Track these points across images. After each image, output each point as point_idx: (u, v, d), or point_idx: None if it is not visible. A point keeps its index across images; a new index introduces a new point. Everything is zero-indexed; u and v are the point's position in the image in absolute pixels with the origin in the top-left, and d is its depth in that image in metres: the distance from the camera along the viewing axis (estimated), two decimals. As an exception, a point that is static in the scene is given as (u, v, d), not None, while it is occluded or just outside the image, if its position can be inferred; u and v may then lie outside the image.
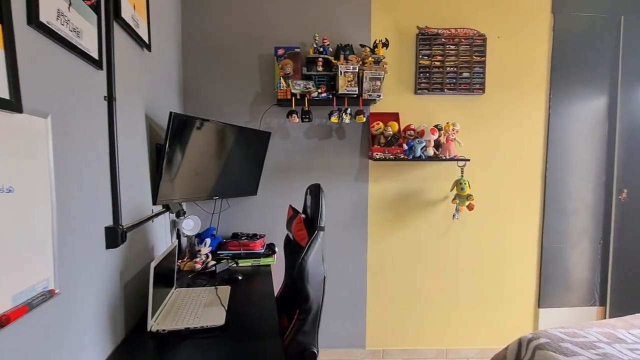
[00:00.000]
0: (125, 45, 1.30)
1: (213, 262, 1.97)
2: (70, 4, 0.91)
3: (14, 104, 0.67)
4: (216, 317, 1.34)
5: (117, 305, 1.22)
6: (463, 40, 2.27)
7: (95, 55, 1.06)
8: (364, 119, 2.13)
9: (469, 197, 2.25)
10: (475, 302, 2.49)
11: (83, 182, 1.00)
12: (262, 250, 2.12)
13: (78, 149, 0.97)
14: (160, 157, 1.54)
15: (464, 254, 2.46)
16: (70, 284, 0.92)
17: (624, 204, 2.46)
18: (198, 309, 1.42)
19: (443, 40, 2.27)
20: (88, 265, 1.03)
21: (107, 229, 1.13)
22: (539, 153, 2.44)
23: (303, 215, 1.36)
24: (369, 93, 2.08)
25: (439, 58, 2.27)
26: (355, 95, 2.08)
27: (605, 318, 2.53)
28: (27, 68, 0.74)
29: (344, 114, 2.11)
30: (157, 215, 1.61)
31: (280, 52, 2.12)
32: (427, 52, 2.27)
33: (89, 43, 1.02)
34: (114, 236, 1.14)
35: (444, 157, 2.20)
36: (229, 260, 2.03)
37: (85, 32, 1.00)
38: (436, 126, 2.22)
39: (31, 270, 0.74)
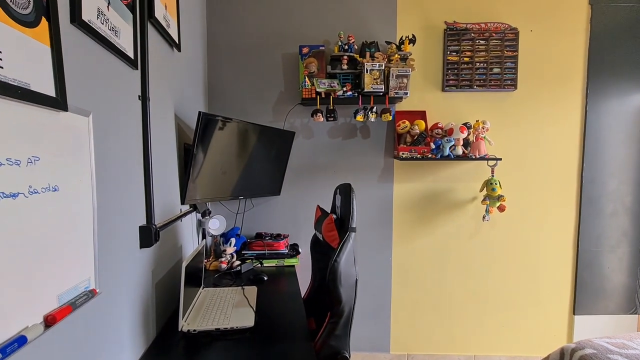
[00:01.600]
0: (157, 45, 1.31)
1: (238, 262, 1.97)
2: (109, 3, 0.91)
3: (60, 102, 0.67)
4: (245, 318, 1.32)
5: (150, 305, 1.23)
6: (494, 34, 2.19)
7: (131, 55, 1.06)
8: (390, 118, 2.08)
9: (500, 197, 2.16)
10: (506, 307, 2.39)
11: (119, 181, 1.00)
12: (287, 251, 2.11)
13: (115, 149, 0.98)
14: (189, 157, 1.54)
15: (494, 257, 2.37)
16: (109, 284, 0.92)
17: (669, 206, 2.30)
18: (227, 309, 1.41)
19: (472, 35, 2.19)
20: (124, 265, 1.03)
21: (141, 228, 1.13)
22: (575, 152, 2.32)
23: (334, 216, 1.32)
24: (396, 91, 2.03)
25: (468, 54, 2.19)
26: (381, 93, 2.04)
27: (647, 327, 2.38)
28: (70, 66, 0.74)
29: (369, 112, 2.07)
30: (185, 214, 1.62)
31: (305, 50, 2.09)
32: (456, 47, 2.19)
33: (126, 42, 1.02)
34: (148, 235, 1.14)
35: (473, 157, 2.12)
36: (254, 261, 2.03)
37: (123, 32, 1.00)
38: (465, 124, 2.14)
39: (74, 270, 0.74)
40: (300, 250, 2.17)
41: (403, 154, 2.11)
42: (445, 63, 2.21)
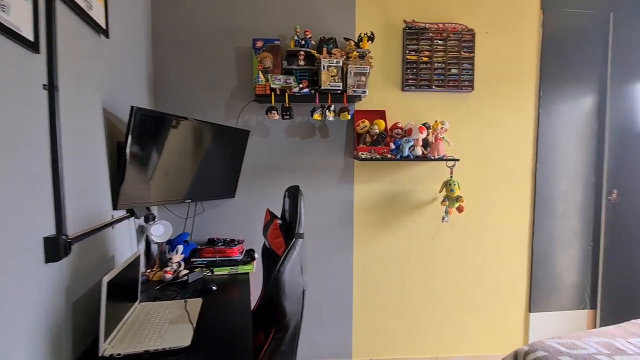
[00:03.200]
0: (73, 28, 1.14)
1: (185, 271, 1.81)
2: (-13, -31, 0.75)
3: None
4: (182, 336, 1.18)
5: (63, 328, 1.06)
6: (451, 35, 2.18)
7: (29, 36, 0.89)
8: (349, 117, 2.01)
9: (458, 198, 2.16)
10: (466, 307, 2.39)
11: (16, 185, 0.84)
12: (241, 257, 1.97)
13: (10, 146, 0.81)
14: (121, 156, 1.37)
15: (453, 258, 2.36)
16: (-11, 309, 0.76)
17: (614, 205, 2.41)
18: (163, 326, 1.26)
19: (431, 35, 2.17)
20: (22, 285, 0.87)
21: (46, 239, 0.96)
22: (529, 153, 2.37)
23: (279, 221, 1.22)
24: (354, 89, 1.96)
25: (427, 54, 2.17)
26: (339, 92, 1.96)
27: (595, 322, 2.47)
28: None
29: (327, 111, 1.99)
30: (118, 221, 1.44)
31: (259, 44, 1.97)
32: (414, 47, 2.16)
33: (20, 20, 0.86)
34: (55, 248, 0.98)
35: (432, 157, 2.09)
36: (204, 269, 1.87)
37: (15, 7, 0.84)
38: (424, 124, 2.12)
39: None
40: (256, 256, 2.04)
41: (363, 154, 2.05)
42: (404, 62, 2.18)
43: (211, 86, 2.09)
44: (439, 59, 2.18)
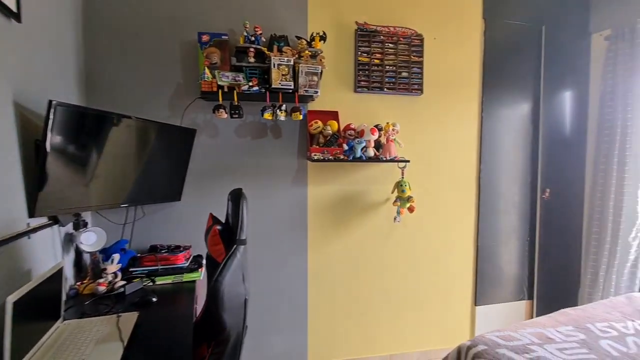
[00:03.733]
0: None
1: (122, 283, 1.66)
2: None
3: None
4: (108, 357, 1.06)
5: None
6: (401, 39, 2.23)
7: None
8: (301, 117, 1.97)
9: (409, 199, 2.21)
10: (419, 304, 2.46)
11: None
12: (187, 264, 1.85)
13: None
14: (39, 157, 1.21)
15: (406, 257, 2.42)
16: None
17: (547, 202, 2.62)
18: (87, 347, 1.13)
19: (382, 37, 2.20)
20: None
21: None
22: (474, 155, 2.50)
23: (219, 227, 1.14)
24: (305, 89, 1.93)
25: (378, 56, 2.20)
26: (290, 91, 1.91)
27: (533, 311, 2.67)
28: None
29: (278, 110, 1.93)
30: (35, 230, 1.28)
31: (205, 38, 1.87)
32: (366, 49, 2.18)
33: None
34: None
35: (384, 158, 2.12)
36: (144, 279, 1.73)
37: None
38: (376, 126, 2.14)
39: None
40: (203, 262, 1.92)
41: (315, 155, 2.02)
42: (356, 64, 2.19)
43: (153, 82, 1.94)
44: (390, 61, 2.22)
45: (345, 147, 2.08)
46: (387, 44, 2.21)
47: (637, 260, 2.39)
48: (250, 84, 1.87)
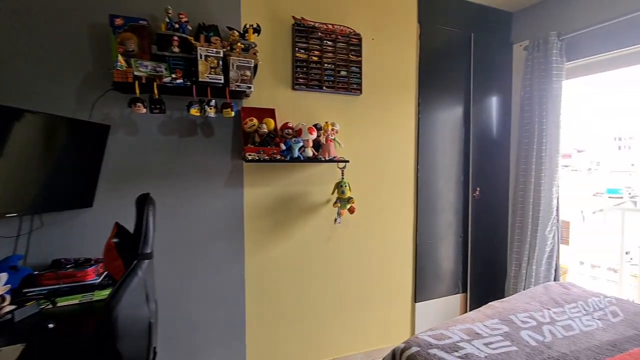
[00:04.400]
0: None
1: (10, 308, 1.37)
2: None
3: None
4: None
5: None
6: (340, 37, 2.19)
7: None
8: (233, 114, 1.83)
9: (349, 199, 2.18)
10: (362, 305, 2.45)
11: None
12: (98, 280, 1.61)
13: None
14: None
15: (348, 258, 2.39)
16: None
17: (477, 201, 2.77)
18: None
19: (320, 34, 2.14)
20: None
21: None
22: (412, 156, 2.56)
23: (116, 240, 0.98)
24: (237, 83, 1.79)
25: (317, 53, 2.14)
26: (220, 85, 1.77)
27: (467, 304, 2.81)
28: None
29: (207, 106, 1.77)
30: None
31: (118, 22, 1.64)
32: (304, 45, 2.11)
33: None
34: None
35: (323, 159, 2.07)
36: (41, 301, 1.46)
37: None
38: (315, 125, 2.08)
39: None
40: (121, 276, 1.69)
41: (250, 155, 1.89)
42: (294, 60, 2.10)
43: (56, 70, 1.66)
44: (329, 59, 2.17)
45: (283, 146, 1.99)
46: (325, 42, 2.16)
47: (552, 251, 2.63)
48: (174, 75, 1.69)
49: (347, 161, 2.15)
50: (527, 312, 1.68)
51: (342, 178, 2.19)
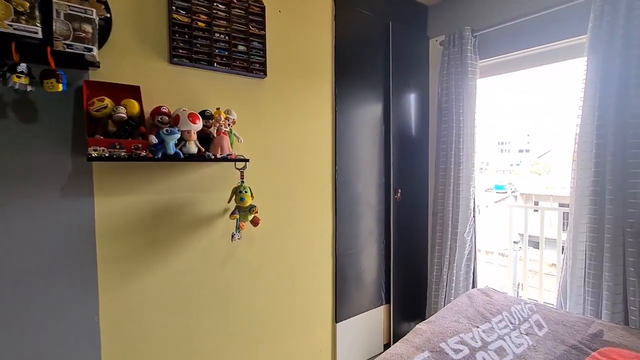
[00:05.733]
0: None
1: None
2: None
3: None
4: None
5: None
6: (235, 2, 1.72)
7: None
8: (60, 88, 1.21)
9: (252, 209, 1.71)
10: (273, 334, 2.00)
11: None
12: None
13: None
14: None
15: (253, 280, 1.92)
16: None
17: (399, 203, 2.57)
18: None
19: (208, -6, 1.64)
20: None
21: None
22: (329, 155, 2.21)
23: None
24: (67, 42, 1.19)
25: (204, 17, 1.63)
26: (36, 41, 1.14)
27: (390, 315, 2.57)
28: None
29: (9, 72, 1.13)
30: None
31: None
32: (185, 4, 1.58)
33: None
34: None
35: (213, 157, 1.57)
36: None
37: None
38: (203, 112, 1.57)
39: None
40: None
41: (95, 150, 1.30)
42: (171, 24, 1.56)
43: None
44: (222, 28, 1.68)
45: (153, 139, 1.43)
46: (215, 4, 1.66)
47: (470, 253, 2.55)
48: (-63, 15, 1.01)
49: (247, 160, 1.69)
50: (457, 334, 1.44)
51: (242, 182, 1.71)
